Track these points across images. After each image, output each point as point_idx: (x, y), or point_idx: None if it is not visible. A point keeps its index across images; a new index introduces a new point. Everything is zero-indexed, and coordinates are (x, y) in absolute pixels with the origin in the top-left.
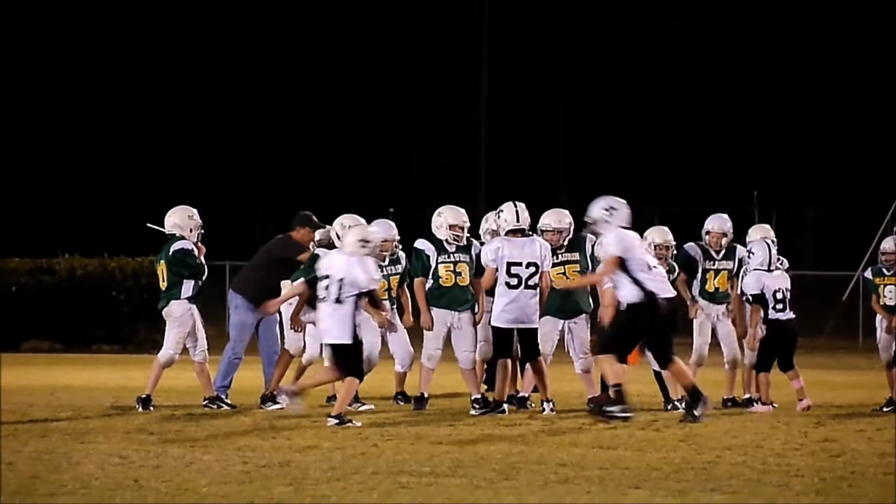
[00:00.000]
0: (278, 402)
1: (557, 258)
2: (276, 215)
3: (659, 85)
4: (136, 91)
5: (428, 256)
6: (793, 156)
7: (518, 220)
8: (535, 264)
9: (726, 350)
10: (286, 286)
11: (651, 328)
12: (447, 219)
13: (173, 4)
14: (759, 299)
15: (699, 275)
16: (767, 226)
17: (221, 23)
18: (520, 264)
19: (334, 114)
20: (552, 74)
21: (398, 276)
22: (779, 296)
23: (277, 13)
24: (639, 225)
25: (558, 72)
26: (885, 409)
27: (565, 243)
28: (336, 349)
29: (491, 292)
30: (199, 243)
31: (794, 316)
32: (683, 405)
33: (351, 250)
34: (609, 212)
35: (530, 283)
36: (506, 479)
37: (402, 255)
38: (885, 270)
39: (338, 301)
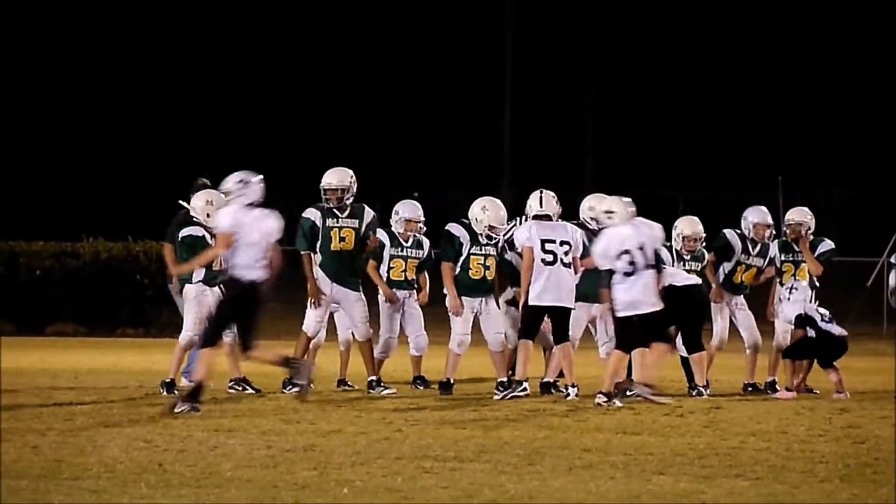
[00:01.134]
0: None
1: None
2: (298, 199)
3: (684, 69)
4: (159, 78)
5: (461, 244)
6: (816, 139)
7: (542, 206)
8: (568, 243)
9: (746, 335)
10: None
11: (679, 316)
12: (490, 219)
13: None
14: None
15: (731, 264)
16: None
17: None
18: (553, 242)
19: (357, 97)
20: (577, 58)
21: (417, 261)
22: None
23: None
24: (663, 210)
25: (583, 55)
26: None
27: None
28: None
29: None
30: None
31: (845, 332)
32: (694, 392)
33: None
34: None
35: (565, 260)
36: (530, 465)
37: (425, 240)
38: None
39: None
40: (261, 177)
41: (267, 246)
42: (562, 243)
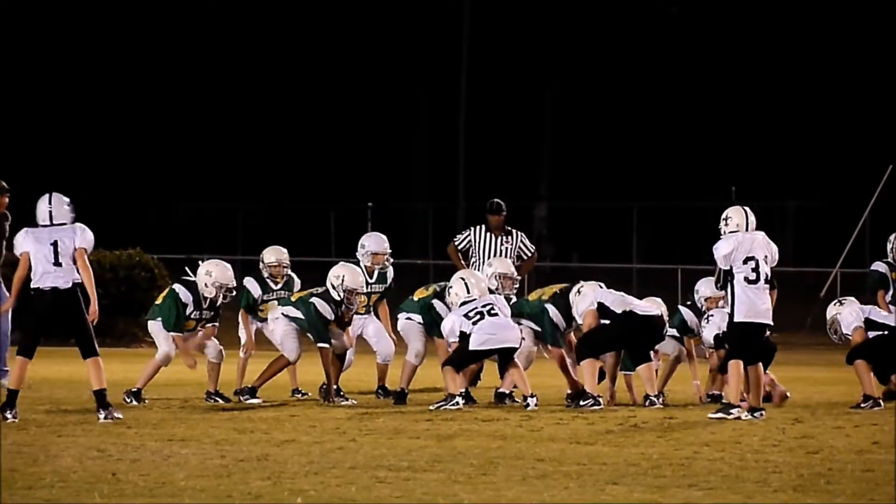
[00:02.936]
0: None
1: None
2: (259, 211)
3: (639, 80)
4: (115, 88)
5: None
6: (771, 150)
7: (469, 293)
8: (492, 304)
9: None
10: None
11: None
12: (497, 273)
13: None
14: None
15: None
16: None
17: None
18: (480, 311)
19: (311, 105)
20: (533, 68)
21: (378, 295)
22: None
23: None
24: (620, 221)
25: (539, 65)
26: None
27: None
28: None
29: None
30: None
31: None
32: (647, 402)
33: None
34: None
35: (495, 311)
36: (484, 475)
37: (390, 272)
38: None
39: None
40: (47, 197)
41: (65, 256)
42: (485, 305)
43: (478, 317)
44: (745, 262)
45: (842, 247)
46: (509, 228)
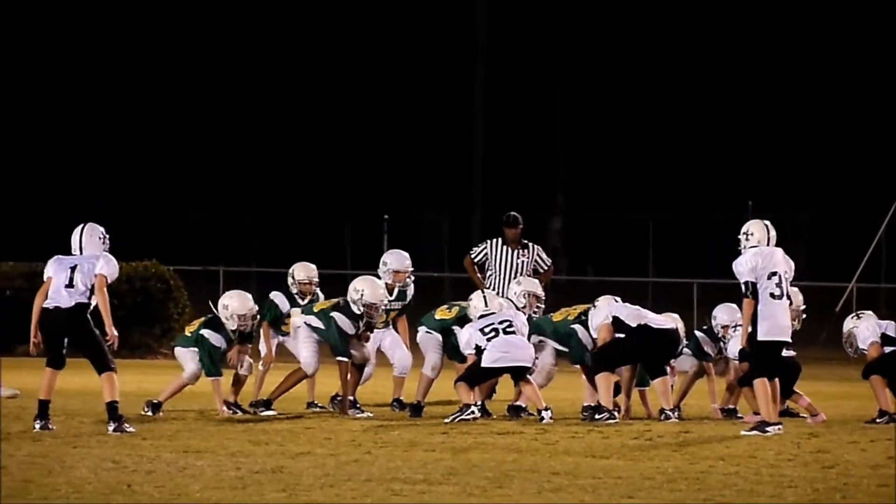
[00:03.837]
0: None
1: None
2: (269, 221)
3: (655, 92)
4: (125, 100)
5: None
6: (786, 163)
7: (486, 306)
8: (509, 321)
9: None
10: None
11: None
12: (525, 292)
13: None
14: None
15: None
16: None
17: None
18: (495, 328)
19: (325, 113)
20: (550, 82)
21: (396, 311)
22: None
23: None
24: (636, 235)
25: (556, 79)
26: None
27: None
28: None
29: None
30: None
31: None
32: (663, 416)
33: None
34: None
35: (513, 329)
36: (499, 488)
37: (410, 289)
38: None
39: None
40: (80, 228)
41: (82, 280)
42: (502, 322)
43: (493, 333)
44: (770, 277)
45: (857, 261)
46: (525, 241)
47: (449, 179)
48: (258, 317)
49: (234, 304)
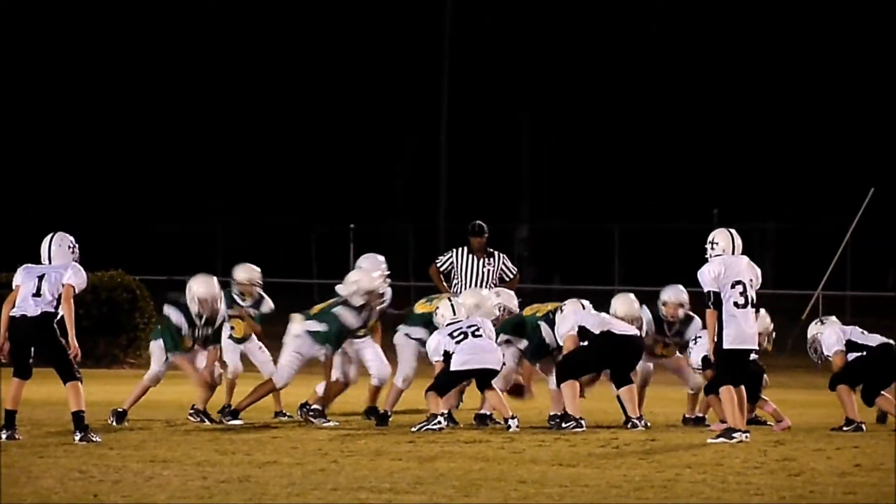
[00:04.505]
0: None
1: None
2: (236, 231)
3: (618, 101)
4: (93, 111)
5: None
6: (752, 172)
7: (454, 315)
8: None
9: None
10: None
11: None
12: (502, 305)
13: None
14: None
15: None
16: None
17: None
18: (463, 332)
19: (291, 125)
20: (514, 90)
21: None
22: None
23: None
24: (601, 243)
25: (519, 87)
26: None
27: None
28: None
29: None
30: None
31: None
32: (629, 425)
33: None
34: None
35: (481, 333)
36: (466, 497)
37: (388, 292)
38: None
39: None
40: (50, 237)
41: (49, 290)
42: (470, 326)
43: (461, 336)
44: (733, 286)
45: (823, 269)
46: (491, 250)
47: (414, 189)
48: (222, 306)
49: (196, 287)
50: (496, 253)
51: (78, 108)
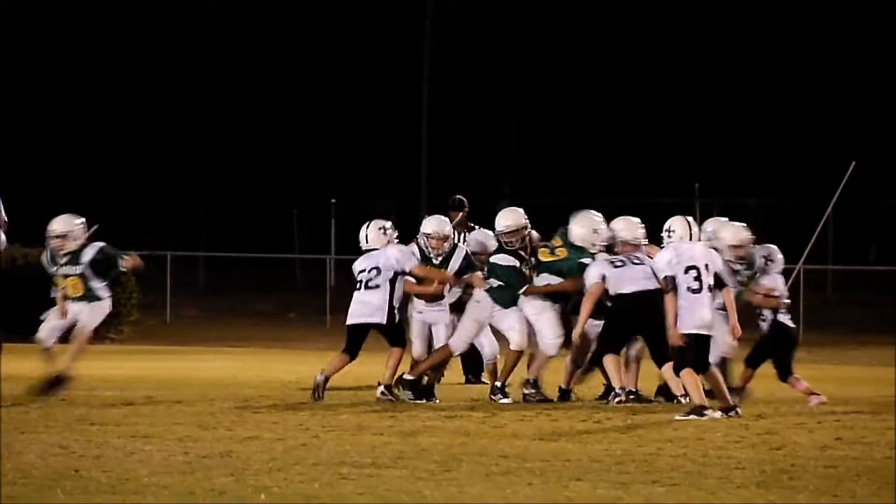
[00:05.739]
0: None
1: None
2: (219, 208)
3: (601, 75)
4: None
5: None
6: (733, 147)
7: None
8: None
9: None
10: None
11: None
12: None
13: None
14: None
15: None
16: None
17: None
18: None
19: (275, 103)
20: (497, 66)
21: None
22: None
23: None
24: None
25: (503, 62)
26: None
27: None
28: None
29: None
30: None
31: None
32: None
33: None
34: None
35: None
36: (447, 471)
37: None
38: None
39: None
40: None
41: None
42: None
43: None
44: (687, 271)
45: (804, 243)
46: (472, 224)
47: (396, 166)
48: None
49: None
50: (477, 227)
51: (55, 84)
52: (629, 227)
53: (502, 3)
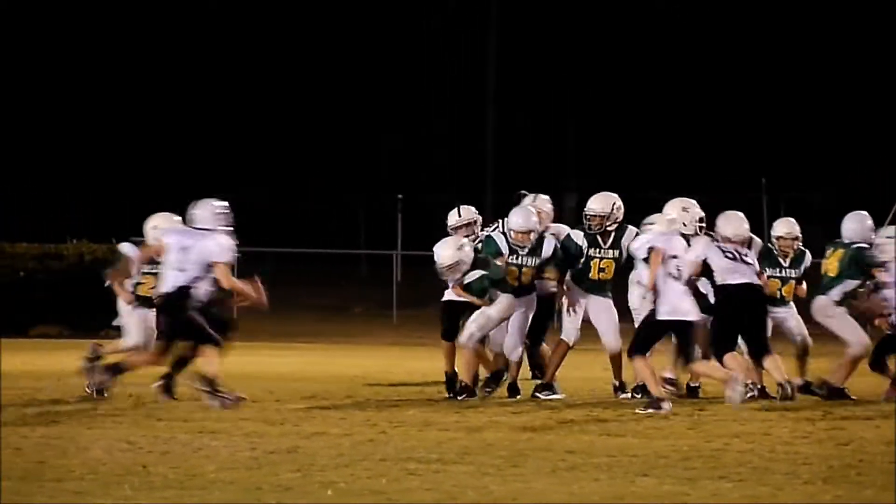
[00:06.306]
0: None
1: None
2: (290, 203)
3: (667, 71)
4: (140, 83)
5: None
6: (800, 142)
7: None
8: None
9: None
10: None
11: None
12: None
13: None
14: None
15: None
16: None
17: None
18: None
19: (340, 99)
20: (560, 59)
21: (532, 269)
22: None
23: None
24: (649, 212)
25: (567, 56)
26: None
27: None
28: None
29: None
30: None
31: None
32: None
33: None
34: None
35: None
36: (513, 466)
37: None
38: None
39: None
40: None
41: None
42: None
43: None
44: (671, 258)
45: None
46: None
47: (461, 161)
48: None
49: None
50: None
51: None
52: (732, 223)
53: (564, 5)
